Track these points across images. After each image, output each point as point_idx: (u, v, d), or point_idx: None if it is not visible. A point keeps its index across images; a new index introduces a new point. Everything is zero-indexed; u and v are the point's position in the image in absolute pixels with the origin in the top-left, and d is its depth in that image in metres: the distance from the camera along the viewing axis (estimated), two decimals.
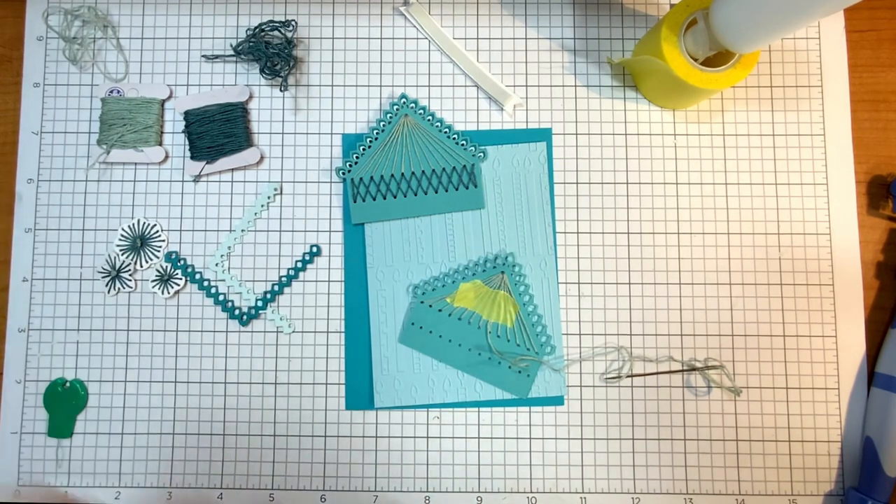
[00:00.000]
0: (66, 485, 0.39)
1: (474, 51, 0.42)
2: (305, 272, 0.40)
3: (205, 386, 0.40)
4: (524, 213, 0.40)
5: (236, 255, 0.41)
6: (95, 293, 0.40)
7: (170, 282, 0.40)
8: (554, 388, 0.39)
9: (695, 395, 0.39)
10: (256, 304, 0.40)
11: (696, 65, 0.35)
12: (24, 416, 0.40)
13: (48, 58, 0.42)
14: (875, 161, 0.41)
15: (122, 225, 0.41)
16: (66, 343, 0.40)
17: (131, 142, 0.40)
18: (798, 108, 0.41)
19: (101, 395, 0.40)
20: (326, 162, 0.41)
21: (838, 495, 0.39)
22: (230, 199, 0.41)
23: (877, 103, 0.41)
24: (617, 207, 0.40)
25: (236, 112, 0.41)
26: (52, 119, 0.41)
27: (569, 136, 0.41)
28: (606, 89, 0.41)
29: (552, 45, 0.42)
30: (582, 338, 0.40)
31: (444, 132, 0.40)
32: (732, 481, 0.39)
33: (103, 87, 0.41)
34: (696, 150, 0.41)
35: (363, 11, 0.42)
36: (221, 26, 0.42)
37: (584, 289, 0.40)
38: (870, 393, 0.39)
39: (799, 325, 0.40)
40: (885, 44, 0.42)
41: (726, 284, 0.40)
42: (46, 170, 0.41)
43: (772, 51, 0.41)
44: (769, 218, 0.40)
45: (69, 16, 0.41)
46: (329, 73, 0.42)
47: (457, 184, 0.40)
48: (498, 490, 0.39)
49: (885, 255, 0.40)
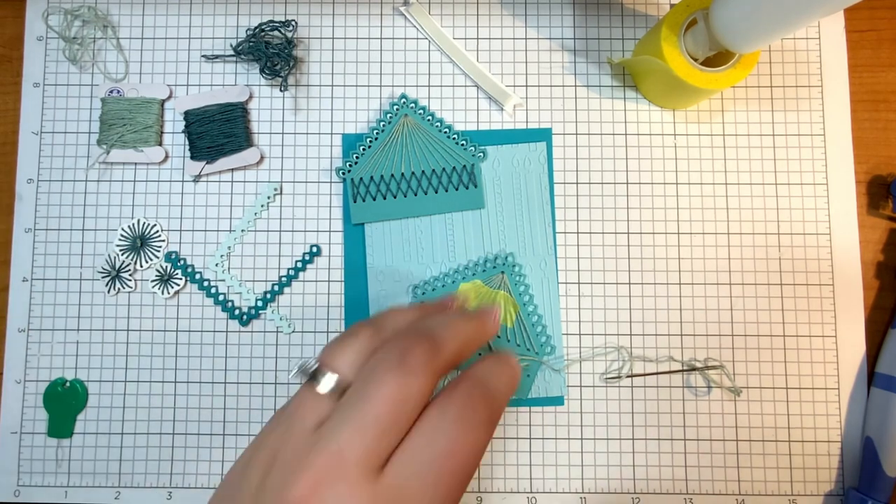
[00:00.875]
0: (66, 485, 0.39)
1: (474, 51, 0.42)
2: (305, 272, 0.40)
3: (205, 386, 0.40)
4: (524, 213, 0.40)
5: (236, 255, 0.41)
6: (95, 293, 0.40)
7: (170, 282, 0.40)
8: (554, 388, 0.39)
9: (695, 395, 0.39)
10: (256, 304, 0.40)
11: (696, 65, 0.35)
12: (24, 416, 0.40)
13: (48, 58, 0.42)
14: (875, 161, 0.41)
15: (122, 225, 0.41)
16: (66, 343, 0.40)
17: (131, 142, 0.40)
18: (798, 108, 0.41)
19: (101, 395, 0.40)
20: (326, 162, 0.41)
21: (838, 495, 0.39)
22: (230, 199, 0.41)
23: (877, 103, 0.41)
24: (617, 207, 0.40)
25: (236, 112, 0.41)
26: (52, 119, 0.41)
27: (569, 136, 0.41)
28: (606, 89, 0.41)
29: (552, 45, 0.42)
30: (582, 338, 0.40)
31: (444, 132, 0.40)
32: (732, 481, 0.39)
33: (103, 87, 0.41)
34: (696, 150, 0.41)
35: (363, 11, 0.42)
36: (221, 26, 0.42)
37: (584, 289, 0.40)
38: (870, 393, 0.39)
39: (799, 325, 0.40)
40: (885, 44, 0.42)
41: (726, 284, 0.40)
42: (46, 170, 0.41)
43: (772, 51, 0.41)
44: (769, 218, 0.40)
45: (69, 16, 0.41)
46: (329, 73, 0.42)
47: (457, 184, 0.40)
48: (498, 490, 0.39)
49: (885, 255, 0.40)
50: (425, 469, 0.22)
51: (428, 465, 0.22)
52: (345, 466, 0.22)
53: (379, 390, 0.23)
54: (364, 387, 0.23)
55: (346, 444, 0.22)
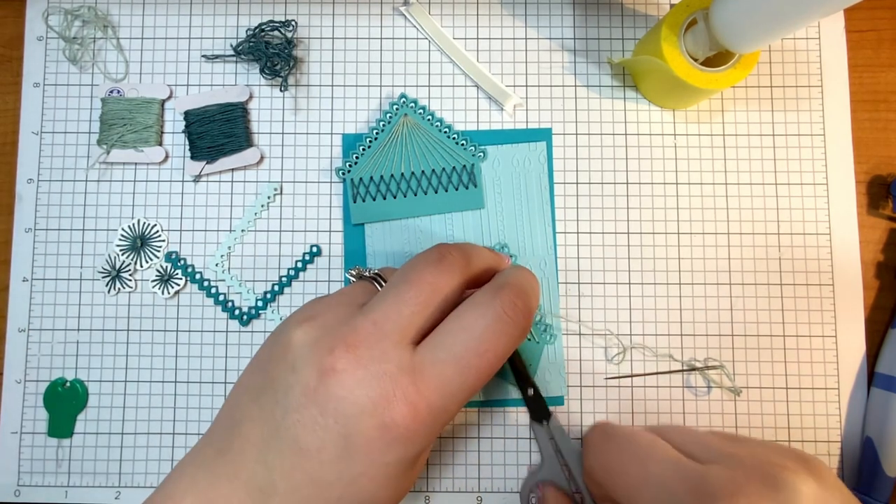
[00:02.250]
0: (66, 485, 0.39)
1: (474, 51, 0.42)
2: (305, 272, 0.40)
3: (205, 386, 0.40)
4: (524, 213, 0.40)
5: (236, 255, 0.41)
6: (95, 293, 0.40)
7: (170, 282, 0.40)
8: (554, 388, 0.39)
9: (695, 395, 0.39)
10: (256, 304, 0.40)
11: (696, 65, 0.35)
12: (24, 416, 0.40)
13: (48, 58, 0.42)
14: (875, 161, 0.41)
15: (122, 225, 0.41)
16: (66, 343, 0.40)
17: (131, 142, 0.40)
18: (798, 108, 0.41)
19: (101, 395, 0.40)
20: (326, 162, 0.41)
21: None
22: (230, 199, 0.41)
23: (877, 103, 0.41)
24: (617, 207, 0.40)
25: (236, 112, 0.41)
26: (52, 119, 0.41)
27: (569, 136, 0.41)
28: (606, 89, 0.41)
29: (552, 45, 0.42)
30: (582, 338, 0.40)
31: (444, 132, 0.40)
32: None
33: (103, 87, 0.41)
34: (696, 150, 0.41)
35: (363, 11, 0.42)
36: (221, 26, 0.42)
37: (584, 289, 0.40)
38: (870, 393, 0.39)
39: (799, 325, 0.40)
40: (885, 44, 0.42)
41: (726, 284, 0.40)
42: (46, 170, 0.41)
43: (772, 51, 0.41)
44: (769, 218, 0.40)
45: (69, 16, 0.41)
46: (329, 73, 0.42)
47: (457, 184, 0.40)
48: (498, 490, 0.39)
49: (885, 255, 0.40)
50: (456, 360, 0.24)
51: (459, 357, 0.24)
52: (381, 333, 0.24)
53: (418, 277, 0.26)
54: (404, 274, 0.26)
55: (383, 316, 0.25)
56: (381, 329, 0.24)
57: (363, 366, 0.23)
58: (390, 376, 0.23)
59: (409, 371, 0.24)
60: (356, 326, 0.24)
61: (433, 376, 0.24)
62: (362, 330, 0.24)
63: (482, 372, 0.25)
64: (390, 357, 0.24)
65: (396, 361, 0.24)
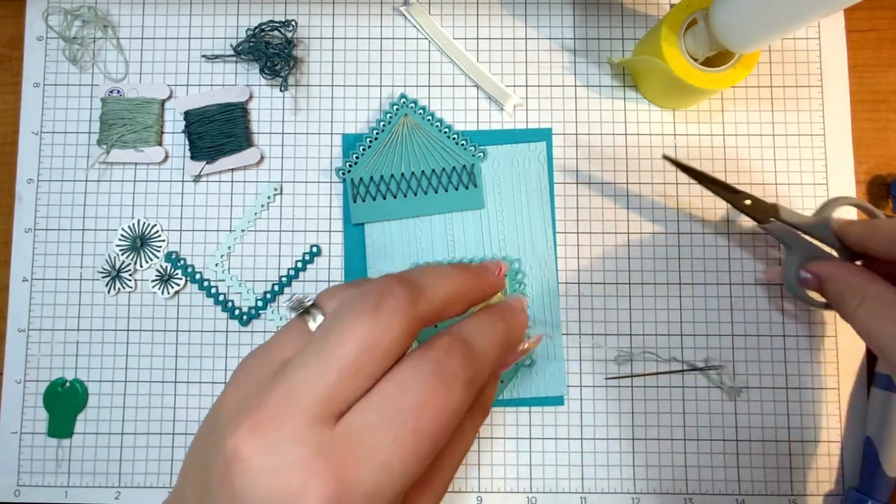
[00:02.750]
0: (66, 485, 0.39)
1: (474, 51, 0.42)
2: (305, 272, 0.40)
3: (205, 386, 0.40)
4: (524, 213, 0.40)
5: (236, 255, 0.41)
6: (95, 293, 0.40)
7: (170, 282, 0.40)
8: (554, 388, 0.39)
9: (695, 395, 0.39)
10: (256, 304, 0.40)
11: (696, 65, 0.35)
12: (23, 416, 0.40)
13: (48, 58, 0.42)
14: (875, 161, 0.41)
15: (122, 225, 0.41)
16: (66, 343, 0.40)
17: (131, 142, 0.40)
18: (798, 108, 0.41)
19: (101, 395, 0.40)
20: (326, 162, 0.41)
21: (838, 495, 0.39)
22: (230, 199, 0.41)
23: (877, 103, 0.41)
24: (617, 207, 0.40)
25: (236, 112, 0.41)
26: (52, 119, 0.41)
27: (569, 136, 0.41)
28: (606, 89, 0.41)
29: (552, 45, 0.42)
30: (582, 338, 0.40)
31: (444, 132, 0.40)
32: (732, 481, 0.39)
33: (103, 87, 0.41)
34: (696, 150, 0.41)
35: (363, 11, 0.42)
36: (221, 26, 0.42)
37: (584, 289, 0.40)
38: (870, 393, 0.39)
39: (799, 325, 0.40)
40: (885, 44, 0.42)
41: (726, 284, 0.40)
42: (46, 170, 0.41)
43: (772, 51, 0.41)
44: None
45: (69, 16, 0.41)
46: (329, 73, 0.42)
47: (457, 184, 0.40)
48: (498, 490, 0.39)
49: None
50: (387, 422, 0.20)
51: (391, 418, 0.20)
52: (296, 405, 0.19)
53: (346, 331, 0.20)
54: (332, 326, 0.21)
55: (301, 383, 0.20)
56: (297, 400, 0.19)
57: (270, 451, 0.19)
58: (302, 465, 0.19)
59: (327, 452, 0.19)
60: (267, 399, 0.20)
61: (361, 448, 0.19)
62: (273, 402, 0.19)
63: (424, 434, 0.20)
64: (303, 439, 0.19)
65: (312, 444, 0.19)
